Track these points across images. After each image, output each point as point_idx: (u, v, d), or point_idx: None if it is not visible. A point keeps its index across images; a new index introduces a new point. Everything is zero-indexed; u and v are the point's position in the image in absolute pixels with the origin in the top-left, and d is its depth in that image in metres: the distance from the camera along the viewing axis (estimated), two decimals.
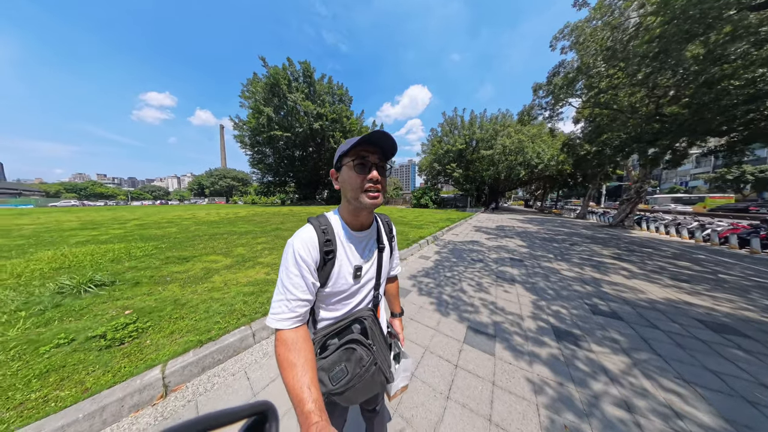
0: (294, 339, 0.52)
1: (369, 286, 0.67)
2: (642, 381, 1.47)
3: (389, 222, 0.79)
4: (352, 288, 0.63)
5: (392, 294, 0.90)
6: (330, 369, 0.56)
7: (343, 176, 0.59)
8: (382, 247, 0.70)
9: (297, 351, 0.50)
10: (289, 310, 0.54)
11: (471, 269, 3.81)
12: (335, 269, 0.60)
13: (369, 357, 0.58)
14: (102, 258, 3.73)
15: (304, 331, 0.55)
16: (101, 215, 12.07)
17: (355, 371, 0.56)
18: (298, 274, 0.55)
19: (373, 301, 0.69)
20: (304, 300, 0.55)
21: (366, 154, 0.57)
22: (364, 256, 0.65)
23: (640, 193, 10.39)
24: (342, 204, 0.65)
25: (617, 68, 7.75)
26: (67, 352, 1.63)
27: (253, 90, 21.01)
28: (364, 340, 0.59)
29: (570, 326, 2.10)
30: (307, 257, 0.56)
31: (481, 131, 23.09)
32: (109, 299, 2.37)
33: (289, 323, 0.53)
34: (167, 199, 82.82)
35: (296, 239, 0.58)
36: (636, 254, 5.26)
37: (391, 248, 0.77)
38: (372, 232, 0.69)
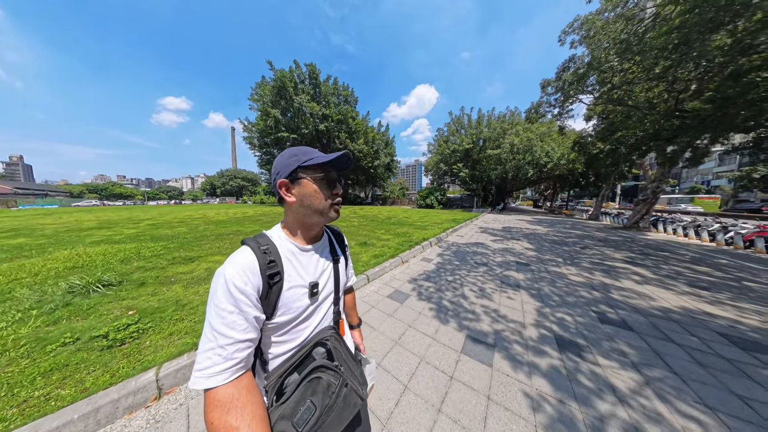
0: (233, 395, 0.43)
1: (328, 302, 0.63)
2: (655, 403, 1.36)
3: (340, 232, 0.78)
4: (308, 309, 0.57)
5: (349, 306, 0.86)
6: (293, 414, 0.47)
7: (306, 190, 0.56)
8: (337, 259, 0.68)
9: (239, 410, 0.41)
10: (224, 358, 0.44)
11: (474, 273, 3.71)
12: (285, 293, 0.54)
13: (338, 380, 0.51)
14: (113, 258, 3.88)
15: (247, 380, 0.46)
16: (118, 215, 12.65)
17: (325, 402, 0.48)
18: (234, 311, 0.46)
19: (334, 317, 0.64)
20: (245, 341, 0.46)
21: (330, 169, 0.58)
22: (318, 271, 0.61)
23: (657, 193, 9.86)
24: (289, 219, 0.60)
25: (632, 62, 7.36)
26: (71, 351, 1.68)
27: (261, 93, 21.45)
28: (329, 364, 0.52)
29: (574, 335, 1.99)
30: (246, 287, 0.48)
31: (488, 130, 22.65)
32: (115, 299, 2.45)
33: (226, 376, 0.43)
34: (181, 199, 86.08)
35: (228, 268, 0.49)
36: (651, 258, 4.98)
37: (346, 258, 0.75)
38: (323, 244, 0.66)
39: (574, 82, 8.95)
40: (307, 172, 0.56)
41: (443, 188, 27.37)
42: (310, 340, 0.57)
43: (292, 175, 0.56)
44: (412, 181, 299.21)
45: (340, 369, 0.53)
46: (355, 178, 28.92)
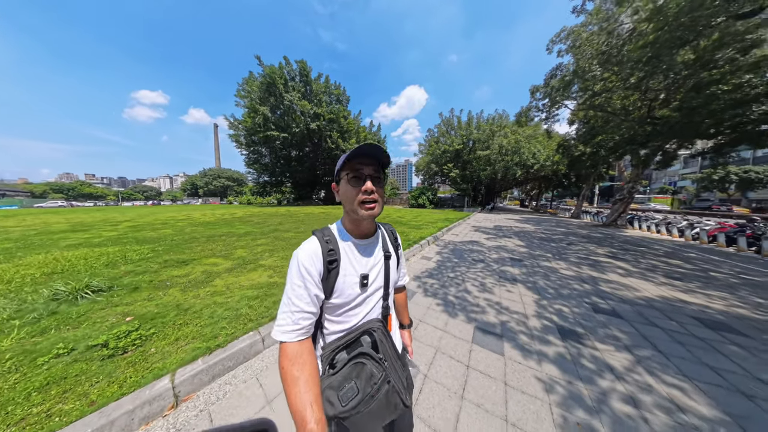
0: (298, 352, 0.51)
1: (377, 295, 0.66)
2: (646, 377, 1.52)
3: (393, 231, 0.79)
4: (359, 297, 0.62)
5: (400, 305, 0.88)
6: (339, 387, 0.52)
7: (342, 189, 0.61)
8: (388, 255, 0.70)
9: (300, 365, 0.49)
10: (293, 322, 0.53)
11: (473, 270, 3.85)
12: (340, 279, 0.60)
13: (380, 373, 0.54)
14: (96, 262, 3.62)
15: (308, 345, 0.54)
16: (91, 216, 11.72)
17: (367, 390, 0.51)
18: (301, 286, 0.56)
19: (383, 311, 0.67)
20: (308, 312, 0.55)
21: (360, 166, 0.58)
22: (369, 264, 0.65)
23: (633, 193, 10.68)
24: (344, 214, 0.67)
25: (611, 72, 7.96)
26: (67, 363, 1.57)
27: (248, 89, 20.70)
28: (374, 354, 0.56)
29: (573, 325, 2.15)
30: (311, 268, 0.57)
31: (477, 131, 23.34)
32: (108, 305, 2.31)
33: (293, 336, 0.53)
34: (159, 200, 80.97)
35: (301, 251, 0.59)
36: (630, 253, 5.41)
37: (398, 257, 0.76)
38: (376, 240, 0.69)
39: (561, 89, 9.52)
40: (343, 172, 0.60)
41: (434, 188, 27.87)
42: (359, 327, 0.62)
43: (337, 176, 0.62)
44: (402, 180, 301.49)
45: (384, 363, 0.56)
46: None
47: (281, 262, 3.75)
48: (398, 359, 0.63)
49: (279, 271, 3.30)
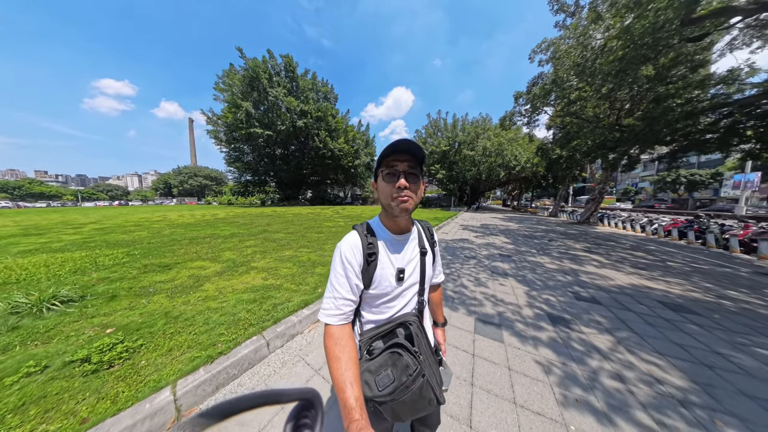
0: (340, 335, 0.56)
1: (413, 290, 0.68)
2: (627, 356, 1.70)
3: (430, 228, 0.80)
4: (395, 290, 0.64)
5: (435, 303, 0.89)
6: (376, 372, 0.56)
7: (379, 186, 0.64)
8: (425, 251, 0.71)
9: (342, 346, 0.54)
10: (336, 307, 0.58)
11: (467, 266, 4.01)
12: (378, 271, 0.63)
13: (416, 366, 0.55)
14: (61, 269, 3.25)
15: (348, 329, 0.58)
16: (46, 218, 10.42)
17: (401, 379, 0.54)
18: (343, 275, 0.60)
19: (418, 306, 0.69)
20: (349, 299, 0.59)
21: (395, 163, 0.59)
22: (405, 259, 0.67)
23: (603, 193, 11.71)
24: (382, 210, 0.69)
25: (586, 82, 8.67)
26: (43, 381, 1.41)
27: (229, 83, 19.60)
28: (409, 347, 0.58)
29: (560, 312, 2.34)
30: (352, 259, 0.61)
31: (463, 133, 24.18)
32: (82, 317, 2.09)
33: (336, 320, 0.57)
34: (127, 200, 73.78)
35: (344, 243, 0.63)
36: (602, 247, 5.94)
37: (434, 254, 0.77)
38: (412, 235, 0.70)
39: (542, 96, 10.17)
40: (379, 169, 0.62)
41: None
42: (395, 319, 0.64)
43: (375, 174, 0.65)
44: None
45: (420, 357, 0.57)
46: (335, 177, 28.25)
47: (274, 263, 3.62)
48: (432, 355, 0.65)
49: (273, 273, 3.19)
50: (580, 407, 1.25)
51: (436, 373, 0.63)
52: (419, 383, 0.54)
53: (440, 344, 0.83)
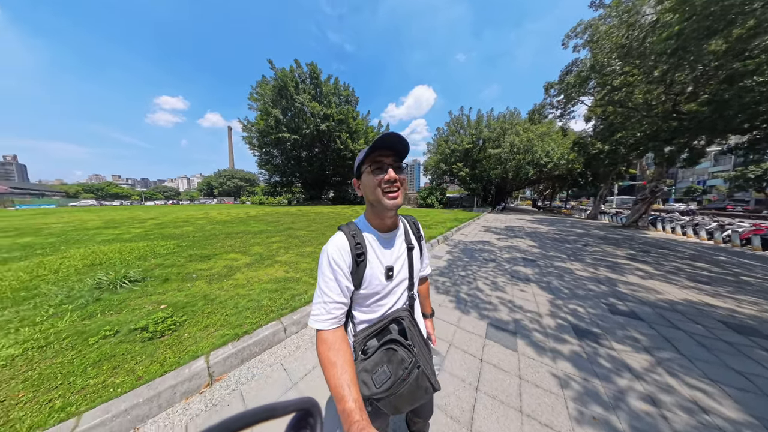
0: (333, 339, 0.55)
1: (402, 286, 0.68)
2: (667, 378, 1.49)
3: (416, 222, 0.80)
4: (385, 289, 0.65)
5: (423, 295, 0.89)
6: (372, 370, 0.57)
7: (364, 182, 0.63)
8: (411, 247, 0.71)
9: (336, 350, 0.53)
10: (327, 312, 0.57)
11: (485, 269, 3.84)
12: (368, 271, 0.62)
13: (410, 359, 0.57)
14: (129, 255, 3.93)
15: (341, 333, 0.58)
16: (120, 214, 12.57)
17: (398, 374, 0.55)
18: (332, 278, 0.59)
19: (409, 301, 0.70)
20: (339, 302, 0.59)
21: (381, 158, 0.59)
22: (394, 256, 0.67)
23: (656, 192, 10.11)
24: (367, 209, 0.69)
25: (632, 66, 7.58)
26: (114, 343, 1.76)
27: (261, 92, 21.41)
28: (403, 341, 0.59)
29: (589, 325, 2.12)
30: (341, 261, 0.60)
31: (488, 130, 22.89)
32: (143, 294, 2.52)
33: (328, 324, 0.57)
34: (178, 199, 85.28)
35: (330, 246, 0.62)
36: (651, 255, 5.16)
37: (421, 248, 0.77)
38: (399, 232, 0.70)
39: (577, 85, 9.16)
40: (364, 166, 0.61)
41: (443, 188, 27.61)
42: (387, 316, 0.65)
43: (358, 171, 0.63)
44: (410, 180, 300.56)
45: (414, 350, 0.58)
46: None
47: (296, 258, 3.90)
48: (425, 346, 0.67)
49: (294, 267, 3.45)
50: (597, 425, 1.15)
51: (430, 362, 0.65)
52: (415, 374, 0.56)
53: (430, 334, 0.84)
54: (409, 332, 0.62)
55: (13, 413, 1.20)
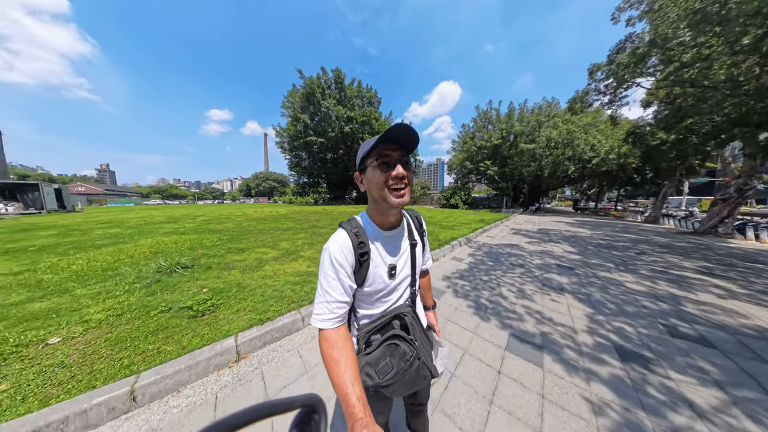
0: (336, 338, 0.55)
1: (405, 283, 0.68)
2: (745, 423, 1.19)
3: (418, 216, 0.78)
4: (388, 286, 0.65)
5: (424, 287, 0.89)
6: (376, 363, 0.59)
7: (368, 177, 0.59)
8: (414, 243, 0.70)
9: (339, 349, 0.53)
10: (329, 311, 0.56)
11: (510, 274, 3.54)
12: (371, 270, 0.62)
13: (412, 352, 0.59)
14: (182, 246, 4.60)
15: (344, 331, 0.58)
16: (178, 212, 14.81)
17: (400, 366, 0.58)
18: (335, 278, 0.58)
19: (411, 297, 0.70)
20: (342, 302, 0.58)
21: (388, 152, 0.55)
22: (396, 255, 0.66)
23: (745, 191, 8.08)
24: (370, 205, 0.66)
25: (711, 35, 6.17)
26: (168, 317, 2.08)
27: (291, 100, 23.07)
28: (405, 336, 0.61)
29: (639, 347, 1.81)
30: (343, 261, 0.58)
31: (520, 124, 21.03)
32: (191, 279, 2.93)
33: (330, 323, 0.56)
34: (222, 199, 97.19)
35: (332, 244, 0.60)
36: (737, 269, 4.15)
37: (423, 243, 0.76)
38: (402, 229, 0.69)
39: (631, 65, 7.79)
40: (368, 159, 0.57)
41: (468, 187, 26.23)
42: (390, 312, 0.66)
43: (361, 165, 0.60)
44: (434, 180, 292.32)
45: (415, 343, 0.61)
46: None
47: (318, 254, 4.12)
48: (426, 338, 0.69)
49: (316, 263, 3.66)
50: None
51: (430, 352, 0.68)
52: (416, 365, 0.59)
53: (433, 325, 0.84)
54: (411, 327, 0.63)
55: (96, 365, 1.51)
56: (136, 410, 1.31)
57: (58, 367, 1.52)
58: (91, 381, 1.40)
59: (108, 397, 1.27)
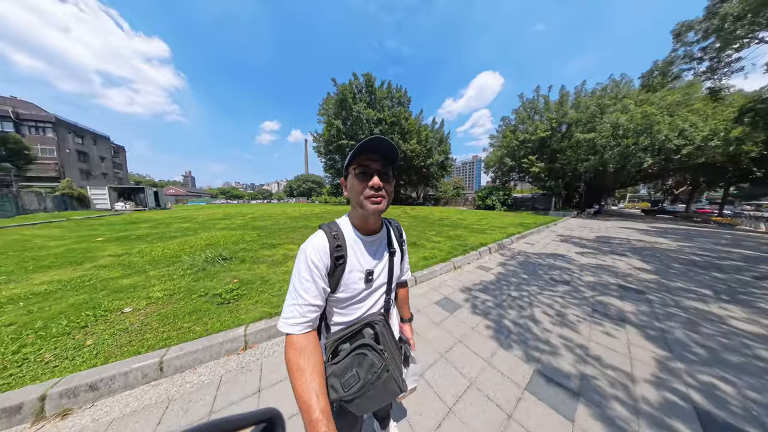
0: (304, 344, 0.52)
1: (381, 290, 0.68)
2: None
3: (399, 227, 0.79)
4: (363, 292, 0.63)
5: (402, 299, 0.88)
6: (342, 375, 0.56)
7: (349, 184, 0.61)
8: (393, 251, 0.70)
9: (306, 356, 0.50)
10: (300, 315, 0.55)
11: (549, 292, 2.97)
12: (346, 274, 0.61)
13: (380, 363, 0.56)
14: (228, 240, 5.33)
15: (313, 337, 0.55)
16: (233, 210, 17.47)
17: (367, 377, 0.54)
18: (309, 279, 0.56)
19: (385, 305, 0.69)
20: (315, 305, 0.56)
21: (368, 162, 0.58)
22: (374, 261, 0.66)
23: None
24: (351, 210, 0.67)
25: None
26: (202, 302, 2.40)
27: (326, 107, 24.71)
28: (375, 345, 0.58)
29: (739, 418, 1.25)
30: (319, 263, 0.57)
31: (575, 111, 17.86)
32: (228, 270, 3.34)
33: (300, 328, 0.54)
34: (270, 199, 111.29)
35: (308, 245, 0.60)
36: None
37: (402, 253, 0.77)
38: (382, 236, 0.69)
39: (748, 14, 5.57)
40: (350, 167, 0.60)
41: (508, 187, 23.60)
42: (362, 320, 0.63)
43: (346, 171, 0.62)
44: (469, 179, 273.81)
45: (384, 354, 0.57)
46: (407, 178, 28.95)
47: None
48: (396, 349, 0.64)
49: None
50: None
51: (400, 365, 0.65)
52: (384, 378, 0.56)
53: (408, 339, 0.82)
54: (382, 337, 0.61)
55: (146, 335, 1.84)
56: (161, 379, 1.54)
57: (123, 332, 1.90)
58: (139, 348, 1.70)
59: (143, 364, 1.52)
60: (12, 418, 1.24)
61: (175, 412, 1.30)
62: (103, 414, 1.31)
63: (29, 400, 1.27)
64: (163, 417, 1.27)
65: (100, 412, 1.32)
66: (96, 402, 1.38)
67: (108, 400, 1.39)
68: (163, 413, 1.29)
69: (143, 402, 1.37)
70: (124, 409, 1.34)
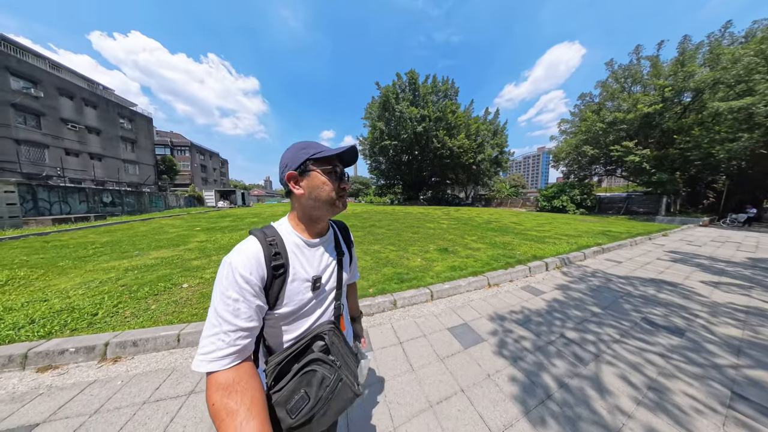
0: (234, 379, 0.43)
1: (330, 297, 0.63)
2: None
3: (346, 227, 0.77)
4: (311, 302, 0.58)
5: (351, 298, 0.84)
6: (288, 401, 0.48)
7: (314, 182, 0.56)
8: (342, 254, 0.68)
9: (239, 393, 0.42)
10: (227, 344, 0.45)
11: (640, 342, 1.95)
12: (288, 286, 0.54)
13: (333, 375, 0.51)
14: None
15: (248, 366, 0.46)
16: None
17: (318, 395, 0.48)
18: (239, 299, 0.47)
19: (335, 312, 0.64)
20: (248, 329, 0.47)
21: (337, 164, 0.59)
22: (322, 265, 0.61)
23: None
24: (297, 211, 0.60)
25: None
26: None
27: (370, 111, 25.71)
28: (326, 358, 0.52)
29: None
30: (251, 276, 0.49)
31: (709, 69, 12.25)
32: None
33: (227, 361, 0.44)
34: None
35: (235, 256, 0.50)
36: None
37: (351, 255, 0.75)
38: (329, 238, 0.66)
39: None
40: (316, 164, 0.56)
41: (588, 184, 18.51)
42: (310, 333, 0.56)
43: (300, 167, 0.56)
44: (532, 176, 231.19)
45: (336, 364, 0.53)
46: (454, 177, 26.89)
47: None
48: (350, 354, 0.60)
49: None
50: None
51: (354, 369, 0.59)
52: (338, 388, 0.51)
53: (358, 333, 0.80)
54: (333, 347, 0.55)
55: (185, 309, 2.23)
56: (176, 349, 1.80)
57: (173, 304, 2.36)
58: (173, 320, 2.06)
59: (168, 333, 1.82)
60: (89, 354, 1.71)
61: (171, 382, 1.49)
62: (133, 368, 1.64)
63: (99, 344, 1.72)
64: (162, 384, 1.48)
65: (133, 364, 1.66)
66: (135, 356, 1.74)
67: (143, 357, 1.73)
68: (163, 380, 1.51)
69: (159, 365, 1.65)
70: (146, 367, 1.64)
